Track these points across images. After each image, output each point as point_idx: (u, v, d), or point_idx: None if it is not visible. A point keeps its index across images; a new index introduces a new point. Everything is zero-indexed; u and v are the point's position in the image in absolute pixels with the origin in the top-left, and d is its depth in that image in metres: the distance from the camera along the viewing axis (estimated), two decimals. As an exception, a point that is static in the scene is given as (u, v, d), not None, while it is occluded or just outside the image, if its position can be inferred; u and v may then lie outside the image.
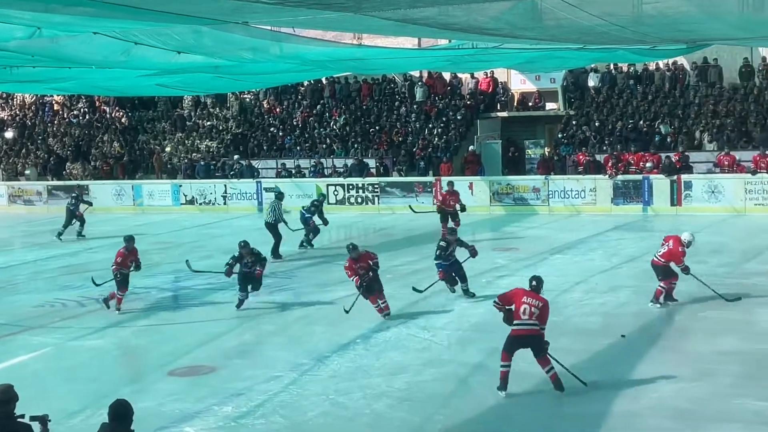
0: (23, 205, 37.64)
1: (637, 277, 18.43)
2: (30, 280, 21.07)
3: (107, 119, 42.47)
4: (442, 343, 14.06)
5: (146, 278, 20.21)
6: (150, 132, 40.97)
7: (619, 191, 28.45)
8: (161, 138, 40.21)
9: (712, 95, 32.24)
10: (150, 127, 41.32)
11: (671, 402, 11.02)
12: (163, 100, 41.52)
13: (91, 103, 43.40)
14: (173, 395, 12.04)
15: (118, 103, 42.45)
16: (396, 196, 31.37)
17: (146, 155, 39.40)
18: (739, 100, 31.64)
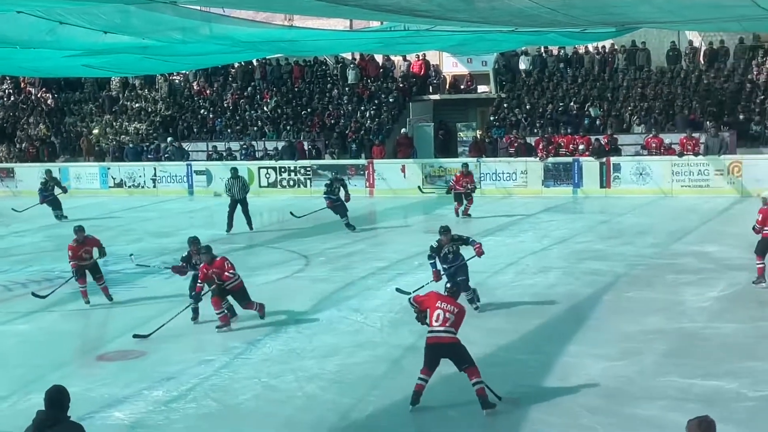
0: (-53, 188, 36.72)
1: (567, 258, 18.68)
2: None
3: (33, 100, 41.63)
4: (374, 326, 14.09)
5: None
6: (77, 114, 40.28)
7: (550, 173, 28.74)
8: (89, 120, 39.54)
9: (640, 78, 32.71)
10: (77, 108, 40.62)
11: (599, 381, 11.18)
12: (90, 82, 40.84)
13: (16, 84, 42.49)
14: (102, 380, 11.89)
15: (43, 84, 41.62)
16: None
17: (73, 137, 38.71)
18: (666, 83, 32.15)
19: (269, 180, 31.80)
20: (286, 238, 22.92)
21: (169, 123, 37.75)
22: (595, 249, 19.56)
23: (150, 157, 34.66)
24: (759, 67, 31.87)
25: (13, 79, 41.97)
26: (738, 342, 12.54)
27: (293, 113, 36.10)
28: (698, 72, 32.34)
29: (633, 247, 19.68)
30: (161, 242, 22.51)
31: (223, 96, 38.51)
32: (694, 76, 32.18)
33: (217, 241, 22.19)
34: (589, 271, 17.37)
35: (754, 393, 10.49)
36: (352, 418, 10.38)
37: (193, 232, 23.62)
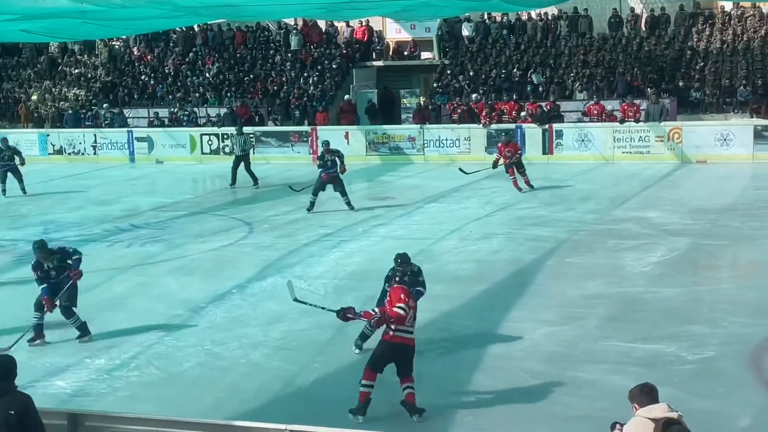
0: None
1: (510, 224, 18.81)
2: None
3: (-31, 66, 40.75)
4: (318, 292, 14.07)
5: (13, 230, 19.66)
6: (15, 79, 39.48)
7: (493, 140, 28.81)
8: (27, 86, 38.78)
9: (582, 45, 32.90)
10: (15, 74, 39.81)
11: (542, 345, 11.32)
12: (28, 47, 39.99)
13: (-48, 49, 41.55)
14: (42, 349, 11.77)
15: (-21, 49, 40.73)
16: (271, 146, 31.07)
17: (11, 103, 37.96)
18: (608, 50, 32.38)
19: (211, 147, 31.48)
20: (230, 205, 22.79)
21: (110, 89, 37.17)
22: (537, 215, 19.72)
23: (89, 123, 34.11)
24: (699, 34, 32.25)
25: (-52, 44, 41.03)
26: (677, 306, 12.76)
27: (235, 79, 35.76)
28: (639, 39, 32.63)
29: (575, 213, 19.88)
30: (103, 210, 22.23)
31: (164, 62, 37.99)
32: (636, 42, 32.46)
33: (159, 208, 22.04)
34: (531, 237, 17.52)
35: (693, 356, 10.69)
36: (297, 385, 10.41)
37: (135, 199, 23.50)
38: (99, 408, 8.76)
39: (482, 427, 8.94)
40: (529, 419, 9.10)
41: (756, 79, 29.87)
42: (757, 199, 20.64)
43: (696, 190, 22.40)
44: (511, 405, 9.53)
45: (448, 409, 9.47)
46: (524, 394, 9.80)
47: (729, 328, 11.71)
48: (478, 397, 9.82)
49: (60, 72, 39.06)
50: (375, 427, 8.76)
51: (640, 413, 5.96)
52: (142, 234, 19.07)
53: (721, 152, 26.18)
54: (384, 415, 9.33)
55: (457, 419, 9.27)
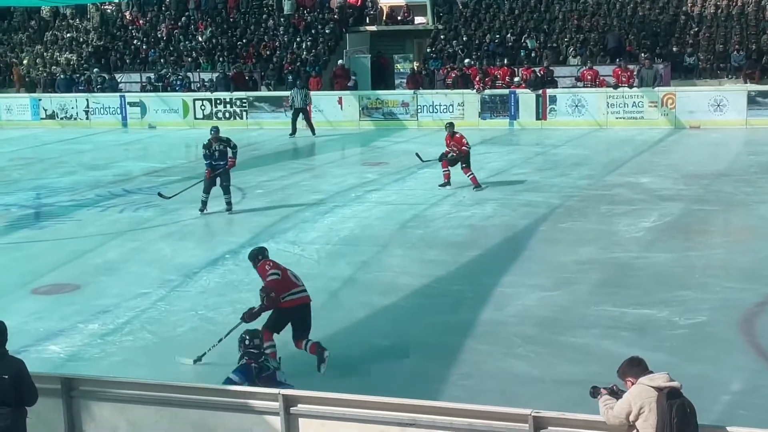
0: None
1: (503, 190, 18.82)
2: None
3: (-41, 30, 40.47)
4: (311, 258, 14.10)
5: (6, 195, 19.62)
6: (6, 44, 39.21)
7: (487, 106, 28.76)
8: (18, 50, 38.53)
9: (576, 10, 32.76)
10: (6, 38, 39.53)
11: (535, 310, 11.36)
12: (19, 11, 39.69)
13: (-58, 13, 41.22)
14: (36, 314, 11.77)
15: (-30, 13, 40.43)
16: (264, 111, 30.95)
17: (3, 68, 37.73)
18: (602, 15, 32.26)
19: (204, 112, 31.35)
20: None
21: (102, 54, 36.94)
22: (531, 181, 19.72)
23: (81, 88, 33.92)
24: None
25: (-62, 7, 40.70)
26: (669, 271, 12.81)
27: (228, 44, 35.56)
28: (633, 4, 32.49)
29: (568, 178, 19.88)
30: (95, 175, 22.18)
31: (157, 26, 37.75)
32: (630, 7, 32.33)
33: (152, 173, 22.00)
34: (524, 202, 17.54)
35: (684, 321, 10.74)
36: (290, 350, 10.40)
37: (128, 164, 23.47)
38: (93, 373, 8.78)
39: (475, 391, 8.98)
40: (521, 383, 9.15)
41: (750, 44, 29.81)
42: (750, 164, 20.66)
43: (689, 155, 22.40)
44: (503, 370, 9.58)
45: (440, 374, 9.51)
46: (516, 358, 9.85)
47: (721, 293, 11.76)
48: (470, 362, 9.86)
49: (52, 36, 38.79)
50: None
51: (642, 381, 5.97)
52: (135, 199, 19.03)
53: (715, 118, 26.15)
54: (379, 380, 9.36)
55: (450, 384, 9.30)
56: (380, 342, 10.56)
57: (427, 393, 8.51)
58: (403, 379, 9.32)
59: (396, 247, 14.69)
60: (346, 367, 9.46)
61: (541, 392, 8.84)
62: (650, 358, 6.44)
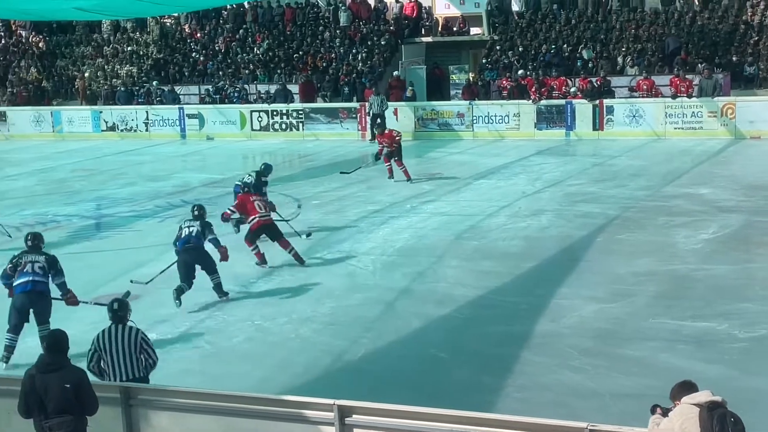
0: (-63, 133, 36.50)
1: (559, 201, 18.71)
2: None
3: (24, 44, 41.23)
4: (367, 269, 14.15)
5: (68, 206, 19.96)
6: (69, 57, 39.92)
7: (543, 116, 28.64)
8: (80, 63, 39.21)
9: (633, 20, 32.48)
10: (68, 52, 40.24)
11: (591, 322, 11.28)
12: (81, 25, 40.40)
13: (7, 27, 42.05)
14: (96, 323, 11.83)
15: (34, 27, 41.17)
16: (321, 122, 31.15)
17: (65, 81, 38.44)
18: (660, 25, 31.94)
19: (261, 124, 31.63)
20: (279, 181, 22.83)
21: (161, 66, 37.46)
22: (587, 191, 19.59)
23: (141, 100, 34.45)
24: (753, 8, 31.65)
25: (4, 22, 41.51)
26: (728, 284, 12.63)
27: (285, 56, 35.83)
28: (692, 13, 32.12)
29: (625, 189, 19.71)
30: (154, 186, 22.48)
31: (215, 39, 38.17)
32: (689, 17, 31.97)
33: (209, 184, 22.23)
34: (581, 213, 17.42)
35: (744, 334, 10.58)
36: (346, 360, 10.48)
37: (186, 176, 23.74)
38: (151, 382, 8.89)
39: (530, 404, 8.94)
40: (577, 396, 9.09)
41: (812, 53, 29.31)
42: (812, 175, 20.30)
43: (749, 166, 22.07)
44: (559, 382, 9.52)
45: (495, 386, 9.48)
46: (572, 371, 9.78)
47: (781, 306, 11.58)
48: (525, 374, 9.81)
49: (112, 49, 39.42)
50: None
51: (684, 400, 5.94)
52: (194, 210, 19.26)
53: (776, 128, 25.79)
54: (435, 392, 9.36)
55: (505, 396, 9.27)
56: (435, 353, 10.56)
57: (482, 405, 8.50)
58: (457, 391, 9.31)
59: (451, 258, 14.68)
60: (401, 378, 9.48)
61: (598, 405, 8.77)
62: (708, 371, 6.40)
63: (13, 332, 10.69)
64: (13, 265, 10.95)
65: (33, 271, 10.84)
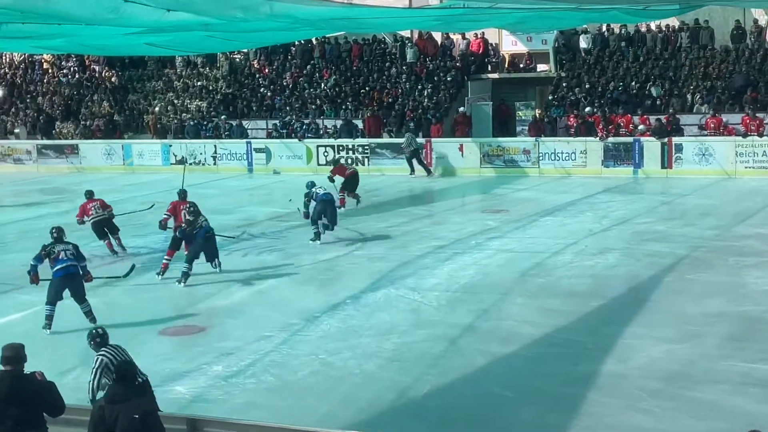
0: (13, 164, 37.42)
1: (627, 239, 18.50)
2: (20, 238, 21.01)
3: (97, 78, 42.16)
4: (431, 305, 14.11)
5: (137, 238, 20.24)
6: (140, 91, 40.70)
7: (610, 153, 28.42)
8: (151, 98, 39.95)
9: (703, 57, 32.15)
10: (140, 86, 41.04)
11: (660, 363, 11.10)
12: (153, 60, 41.18)
13: (81, 62, 43.01)
14: (164, 355, 12.08)
15: (108, 62, 42.09)
16: (386, 157, 31.30)
17: (136, 115, 39.17)
18: (730, 62, 31.57)
19: (327, 158, 31.85)
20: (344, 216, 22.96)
21: (230, 101, 38.00)
22: (655, 230, 19.35)
23: (209, 134, 34.96)
24: (827, 46, 31.18)
25: (78, 57, 42.49)
26: (802, 326, 12.36)
27: (351, 91, 36.12)
28: (763, 51, 31.69)
29: (695, 228, 19.43)
30: (221, 219, 22.63)
31: (283, 74, 38.62)
32: (759, 55, 31.55)
33: (275, 218, 22.39)
34: (649, 252, 17.19)
35: (818, 378, 10.33)
36: (410, 396, 10.43)
37: (252, 209, 23.96)
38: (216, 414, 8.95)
39: (597, 445, 8.82)
40: (645, 439, 8.93)
41: None
42: None
43: (823, 206, 21.64)
44: (627, 424, 9.37)
45: (561, 426, 9.37)
46: (640, 412, 9.62)
47: None
48: (592, 414, 9.68)
49: (182, 84, 40.11)
50: None
51: None
52: (259, 243, 19.43)
53: None
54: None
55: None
56: (500, 391, 10.47)
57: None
58: (522, 430, 9.22)
59: (516, 295, 14.58)
60: (465, 416, 9.40)
61: (667, 448, 8.61)
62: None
63: (51, 304, 13.25)
64: (47, 253, 13.45)
65: (67, 257, 13.34)
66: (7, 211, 26.21)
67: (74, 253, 13.48)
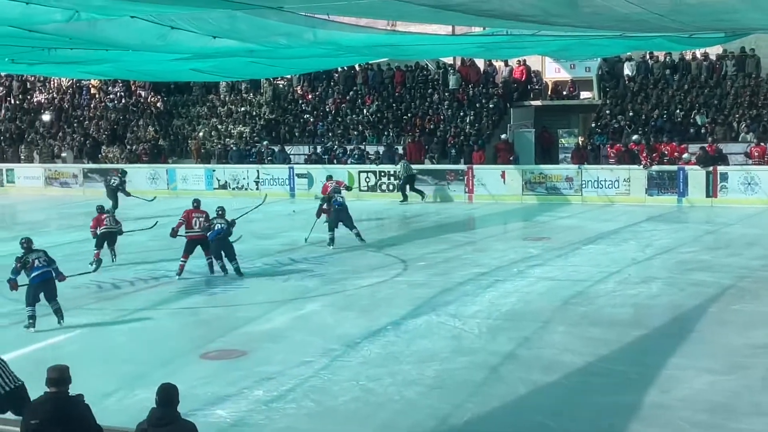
0: (59, 188, 37.97)
1: (671, 269, 18.32)
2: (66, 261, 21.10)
3: (143, 104, 42.71)
4: (472, 332, 14.05)
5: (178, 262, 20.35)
6: (185, 117, 41.15)
7: (654, 182, 28.24)
8: (196, 123, 40.36)
9: (749, 85, 31.90)
10: (185, 111, 41.49)
11: (704, 395, 10.94)
12: (198, 85, 41.68)
13: (127, 87, 43.65)
14: (205, 378, 12.12)
15: (153, 87, 42.66)
16: (428, 184, 31.32)
17: (180, 140, 39.59)
18: (776, 91, 31.33)
19: (369, 184, 31.96)
20: (385, 242, 23.02)
21: (272, 126, 38.28)
22: (700, 260, 19.15)
23: (253, 160, 35.23)
24: None
25: (124, 83, 43.14)
26: None
27: (393, 117, 36.25)
28: (812, 79, 31.43)
29: (740, 258, 19.20)
30: (263, 244, 22.83)
31: (326, 100, 38.87)
32: (807, 83, 31.28)
33: (317, 243, 22.44)
34: (693, 282, 17.01)
35: None
36: (450, 424, 10.37)
37: (294, 234, 24.02)
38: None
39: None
40: (689, 471, 8.81)
41: None
42: None
43: None
44: (670, 455, 9.25)
45: (603, 456, 9.27)
46: (684, 444, 9.50)
47: None
48: (635, 445, 9.57)
49: (226, 110, 40.50)
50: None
51: None
52: (301, 268, 19.49)
53: None
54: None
55: (613, 467, 9.05)
56: (542, 420, 10.37)
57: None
58: (564, 460, 9.13)
59: (558, 323, 14.47)
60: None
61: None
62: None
63: (32, 306, 14.59)
64: (23, 264, 14.63)
65: (41, 264, 14.63)
66: (54, 234, 26.51)
67: (46, 259, 14.79)
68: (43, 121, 43.35)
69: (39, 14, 11.79)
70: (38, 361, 11.50)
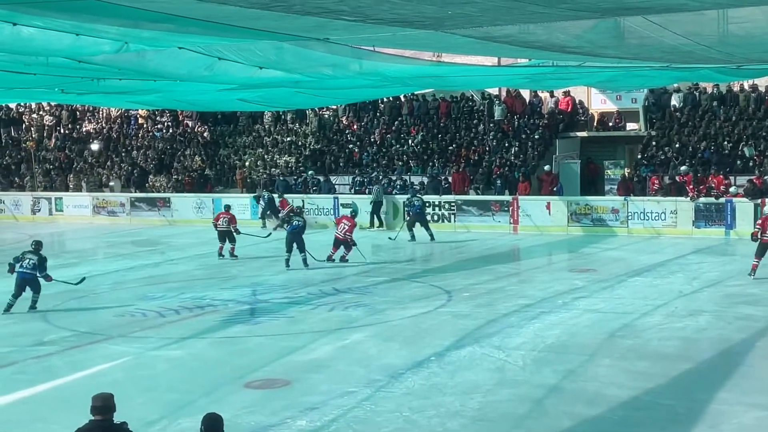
0: (107, 216, 38.42)
1: (719, 302, 18.09)
2: (112, 290, 21.46)
3: (190, 133, 43.18)
4: (516, 364, 13.95)
5: (224, 291, 20.49)
6: (231, 146, 41.51)
7: (701, 214, 27.96)
8: (241, 153, 40.71)
9: (798, 117, 31.56)
10: (231, 141, 41.87)
11: (752, 430, 10.78)
12: (244, 116, 42.06)
13: (175, 117, 44.17)
14: (248, 407, 12.14)
15: (200, 117, 43.13)
16: (472, 215, 31.28)
17: (227, 169, 39.93)
18: (826, 123, 30.94)
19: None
20: (430, 272, 22.99)
21: (318, 156, 38.49)
22: (748, 293, 18.89)
23: (298, 189, 35.42)
24: None
25: (172, 112, 43.67)
26: None
27: (438, 148, 36.29)
28: None
29: (787, 292, 18.92)
30: (308, 273, 22.90)
31: (371, 130, 39.03)
32: None
33: (361, 273, 22.48)
34: (742, 315, 16.78)
35: None
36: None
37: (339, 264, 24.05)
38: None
39: None
40: None
41: None
42: None
43: None
44: (718, 492, 9.10)
45: (649, 492, 9.13)
46: (732, 481, 9.33)
47: None
48: (682, 481, 9.43)
49: (272, 140, 40.80)
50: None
51: None
52: (345, 298, 19.50)
53: None
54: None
55: (660, 503, 8.91)
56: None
57: None
58: (609, 496, 9.01)
59: (604, 356, 14.32)
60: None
61: None
62: None
63: (16, 296, 18.02)
64: (18, 258, 18.03)
65: (26, 266, 17.89)
66: (101, 263, 26.84)
67: (35, 264, 17.88)
68: (92, 150, 43.96)
69: (88, 46, 12.03)
70: (83, 389, 11.60)
